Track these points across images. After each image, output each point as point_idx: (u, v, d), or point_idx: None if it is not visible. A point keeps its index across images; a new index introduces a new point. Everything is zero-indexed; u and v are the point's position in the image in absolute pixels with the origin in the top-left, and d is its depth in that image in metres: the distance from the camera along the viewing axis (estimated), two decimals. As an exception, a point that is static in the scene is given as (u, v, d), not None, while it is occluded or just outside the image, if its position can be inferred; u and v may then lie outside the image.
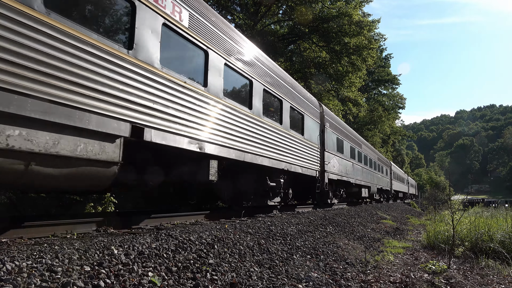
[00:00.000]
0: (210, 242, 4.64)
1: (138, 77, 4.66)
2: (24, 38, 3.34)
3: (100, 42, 4.12)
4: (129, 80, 4.52)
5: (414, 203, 42.76)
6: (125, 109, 4.45)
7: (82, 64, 3.89)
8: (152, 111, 4.88)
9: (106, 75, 4.19)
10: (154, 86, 4.93)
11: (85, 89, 3.91)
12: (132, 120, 4.54)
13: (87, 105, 3.91)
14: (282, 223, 7.34)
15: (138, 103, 4.66)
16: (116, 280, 3.01)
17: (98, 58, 4.08)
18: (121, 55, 4.38)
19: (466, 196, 16.82)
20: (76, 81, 3.81)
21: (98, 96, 4.06)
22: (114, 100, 4.30)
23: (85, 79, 3.92)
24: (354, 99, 28.60)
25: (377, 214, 16.33)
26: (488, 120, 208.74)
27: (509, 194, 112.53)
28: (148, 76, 4.81)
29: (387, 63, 45.93)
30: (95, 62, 4.04)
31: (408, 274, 5.65)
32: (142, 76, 4.73)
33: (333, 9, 22.54)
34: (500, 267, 6.52)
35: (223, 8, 21.91)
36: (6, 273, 2.57)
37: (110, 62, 4.24)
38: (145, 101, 4.75)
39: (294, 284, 4.33)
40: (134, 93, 4.58)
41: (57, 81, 3.63)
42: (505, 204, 41.68)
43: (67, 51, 3.73)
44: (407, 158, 75.45)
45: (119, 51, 4.37)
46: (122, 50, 4.42)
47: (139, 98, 4.67)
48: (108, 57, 4.20)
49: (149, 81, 4.84)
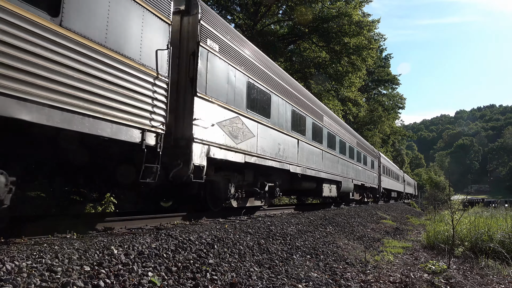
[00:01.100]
0: (210, 242, 4.64)
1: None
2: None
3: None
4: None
5: (414, 203, 42.80)
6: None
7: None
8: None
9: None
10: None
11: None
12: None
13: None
14: (282, 223, 7.34)
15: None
16: (116, 280, 3.02)
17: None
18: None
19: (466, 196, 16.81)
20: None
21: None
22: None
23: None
24: (354, 99, 28.63)
25: (377, 214, 16.33)
26: (488, 120, 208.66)
27: (508, 194, 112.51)
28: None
29: (387, 63, 45.95)
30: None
31: (408, 274, 5.64)
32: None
33: (333, 9, 22.55)
34: (500, 267, 6.52)
35: (223, 8, 21.91)
36: (6, 273, 2.57)
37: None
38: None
39: (294, 284, 4.33)
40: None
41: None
42: (505, 204, 41.71)
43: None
44: (407, 158, 75.45)
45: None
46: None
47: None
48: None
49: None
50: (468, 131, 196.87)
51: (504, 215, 12.37)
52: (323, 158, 12.93)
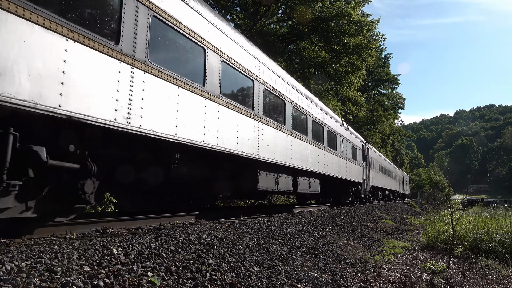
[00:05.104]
0: (209, 242, 4.64)
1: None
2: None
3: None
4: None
5: (414, 203, 42.83)
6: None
7: None
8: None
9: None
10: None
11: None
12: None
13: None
14: (281, 223, 7.34)
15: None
16: (115, 280, 3.01)
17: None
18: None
19: (465, 196, 16.84)
20: None
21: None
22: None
23: None
24: (353, 99, 28.63)
25: (377, 214, 16.34)
26: (487, 120, 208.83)
27: (508, 194, 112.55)
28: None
29: (387, 63, 45.94)
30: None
31: (407, 274, 5.65)
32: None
33: (332, 9, 22.53)
34: (499, 267, 6.52)
35: (223, 8, 21.90)
36: (6, 273, 2.57)
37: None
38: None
39: (294, 284, 4.33)
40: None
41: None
42: (504, 204, 41.72)
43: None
44: (407, 158, 75.51)
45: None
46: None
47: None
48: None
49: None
50: (468, 131, 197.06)
51: (504, 215, 12.37)
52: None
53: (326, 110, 13.99)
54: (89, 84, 3.97)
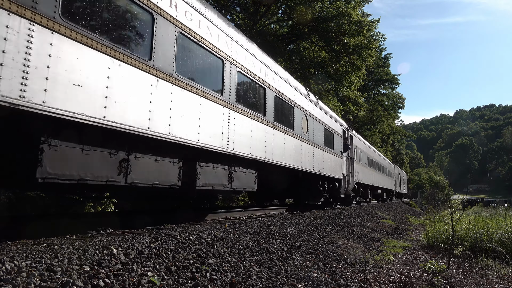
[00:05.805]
0: (209, 242, 4.64)
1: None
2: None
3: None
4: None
5: (414, 203, 42.85)
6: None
7: None
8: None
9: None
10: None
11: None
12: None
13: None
14: (281, 222, 7.34)
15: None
16: (115, 280, 3.01)
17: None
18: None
19: (465, 195, 16.84)
20: None
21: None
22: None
23: None
24: (353, 98, 28.62)
25: (377, 214, 16.34)
26: (487, 120, 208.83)
27: (508, 193, 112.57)
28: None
29: (387, 63, 45.89)
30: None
31: (407, 274, 5.65)
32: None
33: (332, 9, 22.53)
34: (499, 267, 6.52)
35: (223, 8, 21.90)
36: (6, 273, 2.57)
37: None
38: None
39: (294, 284, 4.33)
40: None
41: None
42: (504, 203, 41.73)
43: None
44: (407, 158, 75.50)
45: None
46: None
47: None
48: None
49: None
50: (468, 131, 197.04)
51: (504, 215, 12.37)
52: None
53: (271, 66, 8.81)
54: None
